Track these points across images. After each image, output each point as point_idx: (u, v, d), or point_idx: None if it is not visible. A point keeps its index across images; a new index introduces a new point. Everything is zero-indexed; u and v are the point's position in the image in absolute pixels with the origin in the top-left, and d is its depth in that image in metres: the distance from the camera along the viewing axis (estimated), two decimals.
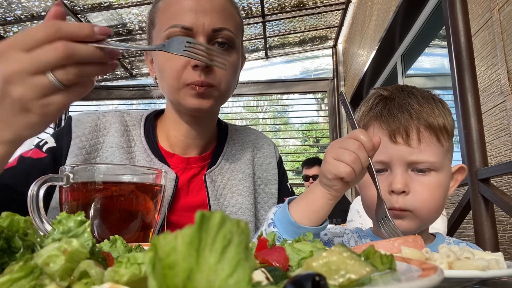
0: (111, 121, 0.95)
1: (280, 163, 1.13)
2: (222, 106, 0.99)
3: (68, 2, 4.07)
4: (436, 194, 0.77)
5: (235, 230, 0.18)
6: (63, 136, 0.90)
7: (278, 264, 0.33)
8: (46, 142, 0.89)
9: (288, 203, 0.74)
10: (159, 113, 1.03)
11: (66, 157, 0.87)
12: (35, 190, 0.57)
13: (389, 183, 0.76)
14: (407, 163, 0.76)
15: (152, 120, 1.00)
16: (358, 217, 1.87)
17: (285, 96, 6.01)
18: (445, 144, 0.78)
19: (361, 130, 0.68)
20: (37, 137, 0.86)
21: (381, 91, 0.86)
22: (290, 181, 1.17)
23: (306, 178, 4.13)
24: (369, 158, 0.67)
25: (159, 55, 0.88)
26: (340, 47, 5.87)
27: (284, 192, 1.09)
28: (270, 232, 0.44)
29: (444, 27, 2.17)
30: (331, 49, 5.92)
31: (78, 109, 5.92)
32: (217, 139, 1.05)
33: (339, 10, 5.02)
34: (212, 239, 0.18)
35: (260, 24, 4.94)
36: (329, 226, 0.91)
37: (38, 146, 0.89)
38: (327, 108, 5.80)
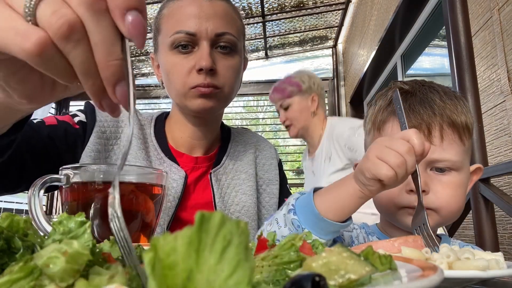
0: (127, 115, 0.97)
1: (280, 165, 1.16)
2: None
3: None
4: (457, 194, 0.73)
5: (235, 231, 0.18)
6: (90, 115, 0.93)
7: None
8: (76, 115, 0.93)
9: (314, 191, 0.69)
10: (167, 115, 1.07)
11: (90, 136, 0.90)
12: (35, 191, 0.57)
13: (407, 182, 0.71)
14: (428, 161, 0.72)
15: (162, 121, 1.04)
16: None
17: None
18: (466, 143, 0.75)
19: (415, 131, 0.61)
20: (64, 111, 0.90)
21: (401, 84, 0.82)
22: (290, 181, 1.20)
23: None
24: (416, 164, 0.61)
25: (165, 61, 0.92)
26: (340, 47, 5.86)
27: (285, 194, 1.12)
28: (270, 232, 0.44)
29: (444, 27, 2.17)
30: (331, 49, 5.92)
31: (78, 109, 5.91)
32: (221, 140, 1.08)
33: (339, 10, 5.02)
34: (212, 240, 0.18)
35: (260, 24, 4.94)
36: None
37: (71, 115, 0.92)
38: (327, 108, 5.80)
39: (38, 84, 0.42)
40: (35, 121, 0.86)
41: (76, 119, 0.91)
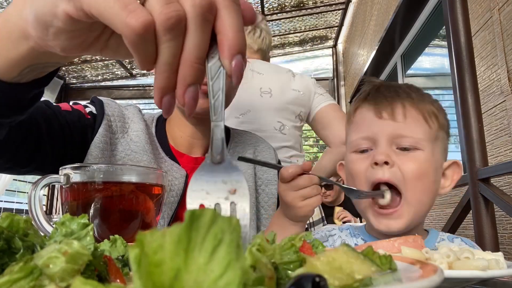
0: (133, 111, 1.01)
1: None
2: None
3: None
4: (423, 171, 0.73)
5: (227, 228, 0.18)
6: (99, 108, 0.95)
7: None
8: (87, 106, 0.95)
9: None
10: None
11: (98, 128, 0.91)
12: (35, 191, 0.57)
13: (372, 157, 0.74)
14: (392, 137, 0.74)
15: (163, 121, 1.06)
16: None
17: None
18: (433, 127, 0.76)
19: (296, 167, 0.74)
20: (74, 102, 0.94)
21: (372, 79, 0.87)
22: None
23: None
24: (319, 177, 0.74)
25: None
26: (340, 47, 5.86)
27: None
28: (270, 232, 0.44)
29: (444, 27, 2.17)
30: (331, 49, 5.92)
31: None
32: None
33: (339, 10, 5.02)
34: (202, 238, 0.17)
35: None
36: (321, 229, 0.91)
37: (83, 105, 0.94)
38: None
39: (84, 45, 0.45)
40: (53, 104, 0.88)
41: (87, 110, 0.94)
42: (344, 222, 3.05)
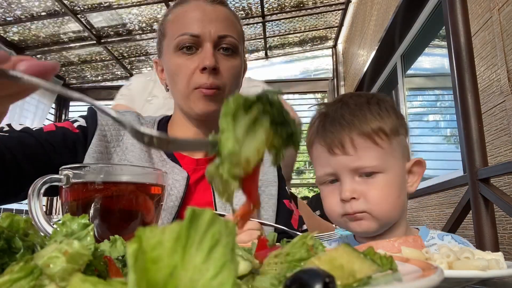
0: (130, 118, 1.01)
1: (279, 167, 1.17)
2: None
3: (68, 2, 4.06)
4: (387, 193, 0.78)
5: (224, 231, 0.18)
6: (91, 119, 0.95)
7: None
8: (76, 120, 0.95)
9: None
10: (168, 119, 1.10)
11: (91, 140, 0.91)
12: (35, 191, 0.57)
13: (339, 192, 0.79)
14: (351, 170, 0.78)
15: (164, 124, 1.07)
16: None
17: (285, 96, 6.00)
18: (384, 145, 0.79)
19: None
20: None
21: (321, 107, 0.89)
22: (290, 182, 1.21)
23: None
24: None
25: (170, 63, 0.96)
26: (340, 47, 5.86)
27: (283, 195, 1.13)
28: (270, 232, 0.44)
29: (444, 27, 2.17)
30: (331, 49, 5.92)
31: (78, 109, 5.92)
32: None
33: (339, 10, 5.02)
34: (200, 238, 0.18)
35: (260, 24, 4.94)
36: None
37: (71, 121, 0.95)
38: None
39: None
40: (34, 129, 0.88)
41: (76, 124, 0.94)
42: None
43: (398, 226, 0.84)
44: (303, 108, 6.03)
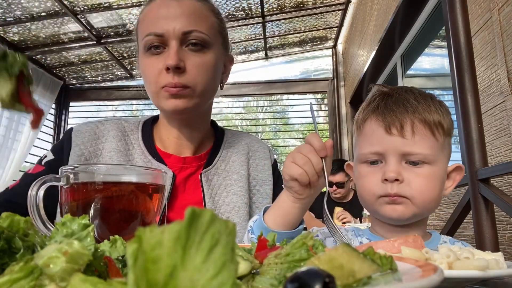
0: (109, 128, 1.01)
1: (275, 166, 1.17)
2: (222, 107, 1.03)
3: (68, 3, 4.06)
4: (431, 185, 0.78)
5: (224, 231, 0.18)
6: (62, 147, 0.96)
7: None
8: (45, 156, 0.96)
9: (265, 210, 0.79)
10: (155, 119, 1.10)
11: (66, 164, 0.92)
12: (35, 191, 0.57)
13: (383, 172, 0.78)
14: (401, 154, 0.78)
15: (150, 125, 1.06)
16: None
17: (285, 97, 6.00)
18: (440, 139, 0.79)
19: (313, 134, 0.75)
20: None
21: (381, 87, 0.89)
22: None
23: (330, 184, 3.70)
24: (323, 160, 0.73)
25: (140, 63, 0.97)
26: (340, 47, 5.86)
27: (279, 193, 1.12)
28: (270, 232, 0.45)
29: (444, 27, 2.17)
30: (331, 49, 5.92)
31: (78, 109, 5.92)
32: (214, 141, 1.10)
33: (339, 10, 5.02)
34: (200, 237, 0.18)
35: (260, 24, 4.93)
36: (322, 227, 0.93)
37: (39, 161, 0.96)
38: (327, 108, 5.80)
39: None
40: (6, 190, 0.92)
41: (43, 161, 0.95)
42: (343, 223, 3.07)
43: (421, 224, 0.84)
44: (303, 108, 6.04)
